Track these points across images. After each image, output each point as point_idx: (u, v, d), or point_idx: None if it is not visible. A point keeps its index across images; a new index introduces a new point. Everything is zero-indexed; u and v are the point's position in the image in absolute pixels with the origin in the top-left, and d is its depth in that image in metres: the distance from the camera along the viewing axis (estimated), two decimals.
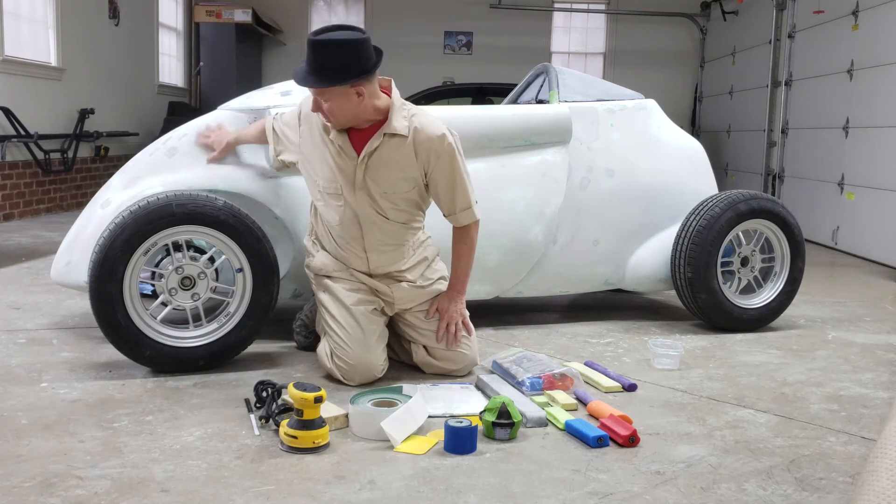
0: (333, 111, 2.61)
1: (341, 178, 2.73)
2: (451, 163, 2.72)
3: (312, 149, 2.80)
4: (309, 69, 2.57)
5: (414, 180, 2.74)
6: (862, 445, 2.31)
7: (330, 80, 2.55)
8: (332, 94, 2.58)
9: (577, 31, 12.01)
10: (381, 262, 2.80)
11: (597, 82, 3.88)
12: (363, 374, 2.69)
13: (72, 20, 7.60)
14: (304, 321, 3.11)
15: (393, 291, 2.81)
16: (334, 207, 2.77)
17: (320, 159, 2.77)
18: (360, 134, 2.70)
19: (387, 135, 2.67)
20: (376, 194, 2.72)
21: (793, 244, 3.65)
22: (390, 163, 2.69)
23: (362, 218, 2.75)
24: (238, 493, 1.90)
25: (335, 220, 2.78)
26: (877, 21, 6.14)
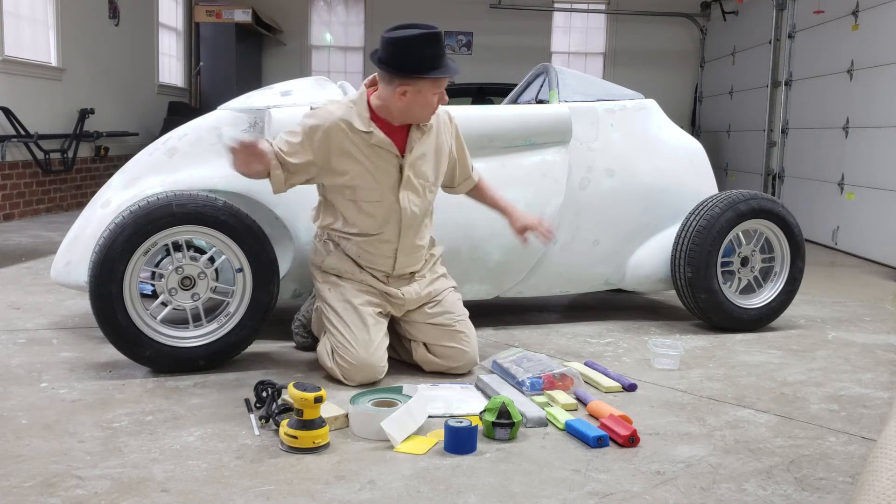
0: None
1: (384, 180, 2.71)
2: (458, 131, 2.95)
3: (342, 159, 2.69)
4: (444, 59, 2.65)
5: (447, 162, 2.89)
6: (862, 445, 2.31)
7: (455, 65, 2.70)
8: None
9: (577, 31, 12.01)
10: (406, 263, 2.84)
11: (597, 82, 3.88)
12: (364, 375, 2.69)
13: (72, 20, 7.60)
14: (301, 321, 3.11)
15: (404, 294, 2.83)
16: (371, 214, 2.74)
17: (357, 168, 2.69)
18: (395, 132, 2.73)
19: (423, 127, 2.77)
20: (420, 188, 2.77)
21: (793, 244, 3.65)
22: (429, 154, 2.80)
23: (404, 220, 2.76)
24: (238, 493, 1.90)
25: (372, 225, 2.75)
26: (877, 21, 6.14)
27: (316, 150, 2.69)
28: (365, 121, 2.69)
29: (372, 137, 2.68)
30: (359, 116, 2.69)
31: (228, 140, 2.62)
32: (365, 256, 2.81)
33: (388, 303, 2.83)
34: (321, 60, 11.84)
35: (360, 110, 2.70)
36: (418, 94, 2.63)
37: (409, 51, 2.59)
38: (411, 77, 2.60)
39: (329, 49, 11.86)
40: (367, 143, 2.69)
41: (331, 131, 2.68)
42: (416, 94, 2.63)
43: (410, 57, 2.59)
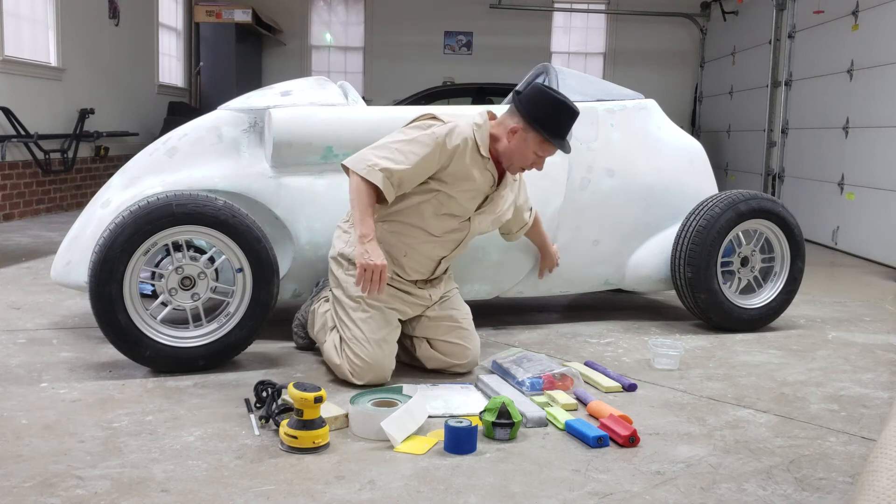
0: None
1: (475, 202, 2.81)
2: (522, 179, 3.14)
3: (457, 173, 2.73)
4: (567, 138, 2.81)
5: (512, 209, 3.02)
6: (862, 445, 2.31)
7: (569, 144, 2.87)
8: None
9: (577, 31, 12.01)
10: (444, 268, 2.93)
11: (597, 82, 3.88)
12: (376, 374, 2.68)
13: (72, 20, 7.60)
14: (300, 321, 3.11)
15: (431, 294, 2.86)
16: (448, 223, 2.79)
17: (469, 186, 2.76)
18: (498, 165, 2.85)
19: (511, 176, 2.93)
20: (489, 221, 2.91)
21: (793, 244, 3.65)
22: (506, 194, 2.94)
23: (467, 238, 2.87)
24: (238, 493, 1.90)
25: (438, 229, 2.78)
26: (877, 21, 6.14)
27: (438, 164, 2.71)
28: (486, 147, 2.78)
29: (487, 164, 2.78)
30: (483, 142, 2.77)
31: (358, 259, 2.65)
32: (412, 255, 2.80)
33: (409, 305, 2.83)
34: (321, 60, 11.84)
35: (483, 137, 2.77)
36: (524, 143, 2.74)
37: (552, 109, 2.73)
38: (533, 125, 2.71)
39: (329, 49, 11.86)
40: (482, 167, 2.77)
41: (459, 148, 2.71)
42: (522, 142, 2.74)
43: (547, 113, 2.72)
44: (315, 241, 3.17)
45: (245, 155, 3.21)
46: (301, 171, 3.19)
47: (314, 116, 3.21)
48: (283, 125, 3.14)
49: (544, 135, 2.70)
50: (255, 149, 3.22)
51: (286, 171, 3.18)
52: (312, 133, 3.18)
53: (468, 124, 2.76)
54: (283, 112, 3.17)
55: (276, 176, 3.17)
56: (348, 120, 3.24)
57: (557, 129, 2.73)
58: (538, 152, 2.75)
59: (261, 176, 3.16)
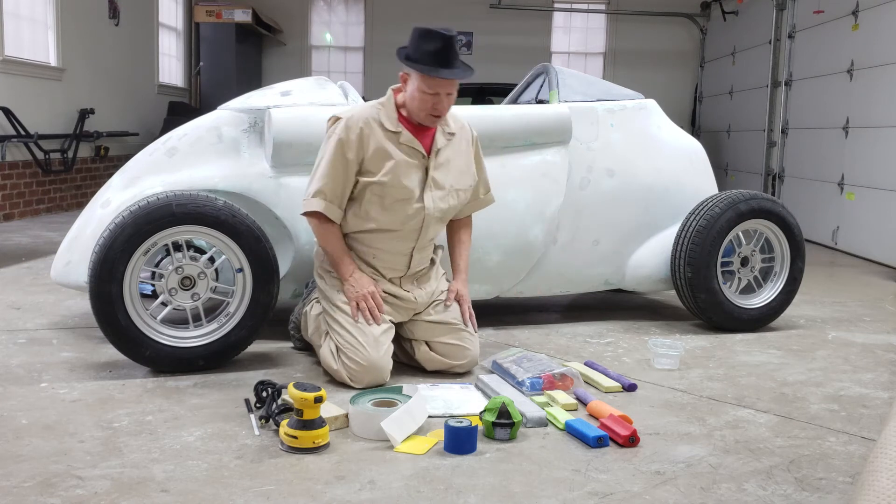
0: (449, 105, 2.75)
1: (412, 180, 2.76)
2: (479, 147, 3.01)
3: (375, 158, 2.74)
4: (453, 62, 2.69)
5: (472, 175, 2.92)
6: (862, 445, 2.31)
7: (469, 71, 2.74)
8: (457, 86, 2.73)
9: (577, 31, 12.01)
10: (419, 260, 2.88)
11: (597, 82, 3.88)
12: (373, 377, 2.67)
13: (72, 20, 7.60)
14: (295, 323, 3.11)
15: (416, 297, 2.84)
16: (396, 212, 2.76)
17: (392, 165, 2.73)
18: (422, 134, 2.80)
19: (447, 133, 2.85)
20: (445, 192, 2.82)
21: (793, 244, 3.65)
22: (453, 159, 2.85)
23: (426, 220, 2.80)
24: (238, 493, 1.90)
25: (394, 222, 2.76)
26: (877, 21, 6.14)
27: (352, 159, 2.73)
28: (393, 121, 2.77)
29: (400, 137, 2.75)
30: (387, 117, 2.77)
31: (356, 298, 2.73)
32: (381, 256, 2.81)
33: (396, 309, 2.83)
34: (321, 60, 11.84)
35: (389, 111, 2.78)
36: (413, 87, 2.70)
37: (416, 41, 2.70)
38: (409, 64, 2.69)
39: (329, 49, 11.86)
40: (397, 143, 2.76)
41: (363, 132, 2.73)
42: (411, 86, 2.71)
43: (415, 47, 2.70)
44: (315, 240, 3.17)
45: (245, 155, 3.20)
46: (301, 171, 3.19)
47: (314, 116, 3.20)
48: (283, 125, 3.14)
49: (419, 69, 2.65)
50: (255, 149, 3.22)
51: (286, 171, 3.18)
52: (312, 133, 3.18)
53: (370, 107, 2.80)
54: (283, 112, 3.17)
55: (276, 176, 3.17)
56: None
57: (430, 58, 2.66)
58: (426, 90, 2.67)
59: (261, 176, 3.16)
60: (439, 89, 2.67)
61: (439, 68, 2.65)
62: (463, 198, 2.89)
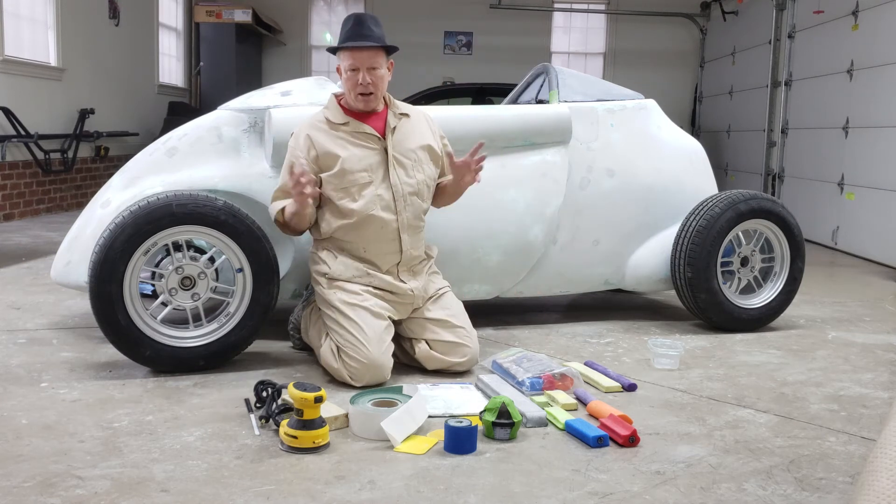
0: (376, 83, 2.81)
1: (372, 161, 2.83)
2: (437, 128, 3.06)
3: (328, 154, 2.83)
4: (366, 35, 2.80)
5: (430, 148, 2.95)
6: (862, 445, 2.31)
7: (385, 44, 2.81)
8: (380, 62, 2.82)
9: (577, 31, 12.01)
10: (412, 243, 2.88)
11: (597, 82, 3.88)
12: (373, 375, 2.68)
13: (72, 20, 7.60)
14: (295, 323, 3.11)
15: (413, 290, 2.84)
16: (368, 196, 2.81)
17: (341, 158, 2.81)
18: (371, 120, 2.88)
19: (399, 114, 2.93)
20: (409, 167, 2.88)
21: (793, 244, 3.65)
22: (412, 135, 2.93)
23: (398, 197, 2.84)
24: (238, 493, 1.90)
25: (367, 206, 2.80)
26: (877, 21, 6.14)
27: (309, 153, 2.83)
28: (339, 114, 2.88)
29: (349, 126, 2.85)
30: (333, 113, 2.89)
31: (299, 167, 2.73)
32: (370, 248, 2.82)
33: (395, 306, 2.83)
34: (321, 60, 11.84)
35: (332, 109, 2.91)
36: (343, 71, 2.82)
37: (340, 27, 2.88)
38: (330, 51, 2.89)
39: None
40: (347, 133, 2.85)
41: (312, 133, 2.85)
42: (343, 71, 2.83)
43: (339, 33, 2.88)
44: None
45: (245, 155, 3.20)
46: None
47: None
48: (283, 125, 3.13)
49: (336, 48, 2.81)
50: (255, 149, 3.22)
51: None
52: None
53: (313, 114, 2.97)
54: (283, 112, 3.17)
55: (276, 176, 3.16)
56: None
57: (343, 37, 2.81)
58: (346, 67, 2.80)
59: (261, 176, 3.16)
60: (356, 62, 2.78)
61: (349, 41, 2.78)
62: (428, 171, 2.94)
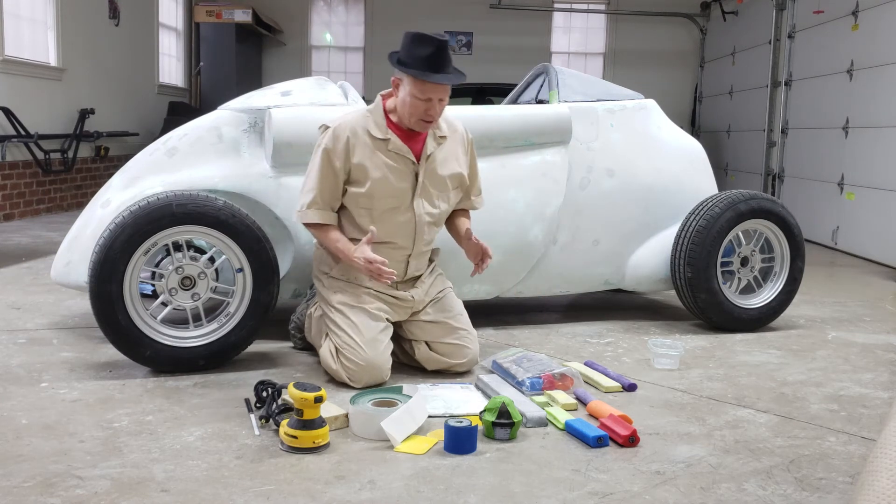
0: (441, 111, 2.72)
1: (400, 188, 2.75)
2: (473, 150, 2.97)
3: (361, 169, 2.73)
4: (446, 67, 2.66)
5: (461, 177, 2.88)
6: (862, 445, 2.31)
7: (460, 76, 2.71)
8: (448, 93, 2.70)
9: (577, 31, 12.01)
10: (417, 266, 2.87)
11: (597, 82, 3.88)
12: (372, 376, 2.68)
13: (72, 20, 7.60)
14: (296, 323, 3.11)
15: (413, 296, 2.84)
16: (388, 220, 2.76)
17: (379, 175, 2.73)
18: (411, 141, 2.78)
19: (439, 137, 2.82)
20: (435, 197, 2.81)
21: (793, 244, 3.65)
22: (446, 162, 2.83)
23: (418, 226, 2.79)
24: (238, 493, 1.90)
25: (386, 233, 2.76)
26: (877, 21, 6.14)
27: (339, 168, 2.73)
28: (382, 128, 2.75)
29: (389, 144, 2.74)
30: (375, 124, 2.75)
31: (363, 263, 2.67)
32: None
33: (394, 308, 2.83)
34: (321, 60, 11.84)
35: (377, 118, 2.77)
36: (405, 91, 2.67)
37: (409, 45, 2.67)
38: (401, 68, 2.67)
39: (329, 49, 11.86)
40: (385, 150, 2.74)
41: (349, 141, 2.73)
42: (403, 91, 2.68)
43: (407, 51, 2.67)
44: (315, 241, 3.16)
45: (245, 155, 3.21)
46: (301, 171, 3.19)
47: (314, 116, 3.20)
48: (283, 125, 3.14)
49: (412, 73, 2.63)
50: (255, 149, 3.22)
51: (286, 171, 3.18)
52: (312, 133, 3.17)
53: (359, 115, 2.78)
54: (283, 112, 3.17)
55: (276, 176, 3.17)
56: None
57: (423, 63, 2.63)
58: (418, 95, 2.64)
59: (261, 176, 3.16)
60: (432, 94, 2.65)
61: (431, 73, 2.63)
62: (453, 199, 2.90)
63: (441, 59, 2.64)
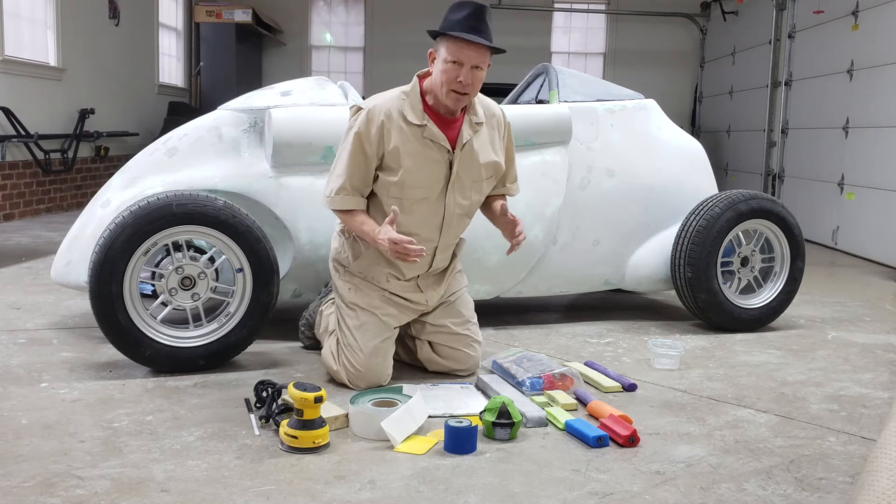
0: (476, 82, 2.55)
1: (434, 177, 2.63)
2: (510, 136, 2.84)
3: (394, 155, 2.59)
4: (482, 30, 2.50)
5: (496, 165, 2.75)
6: (862, 445, 2.31)
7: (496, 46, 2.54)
8: (486, 62, 2.54)
9: (577, 31, 12.01)
10: (442, 259, 2.78)
11: (597, 82, 3.88)
12: (370, 381, 2.67)
13: (72, 20, 7.60)
14: (308, 320, 3.11)
15: (428, 299, 2.79)
16: (417, 211, 2.65)
17: (415, 162, 2.59)
18: (447, 127, 2.63)
19: (474, 123, 2.68)
20: (468, 188, 2.70)
21: (793, 244, 3.65)
22: (482, 150, 2.70)
23: (447, 218, 2.69)
24: (238, 493, 1.90)
25: (414, 224, 2.65)
26: (877, 21, 6.14)
27: (371, 154, 2.60)
28: (419, 113, 2.60)
29: (425, 131, 2.59)
30: (412, 108, 2.60)
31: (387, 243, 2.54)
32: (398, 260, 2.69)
33: (404, 311, 2.77)
34: (321, 60, 11.84)
35: (413, 101, 2.61)
36: (440, 59, 2.54)
37: (447, 14, 2.56)
38: (436, 34, 2.55)
39: (329, 49, 11.86)
40: (420, 137, 2.59)
41: (384, 125, 2.58)
42: (438, 60, 2.55)
43: (444, 19, 2.55)
44: (315, 241, 3.17)
45: (245, 155, 3.21)
46: (301, 171, 3.19)
47: (314, 116, 3.21)
48: (283, 125, 3.14)
49: (442, 33, 2.50)
50: (255, 149, 3.22)
51: (286, 171, 3.18)
52: (312, 133, 3.18)
53: (394, 97, 2.63)
54: (283, 112, 3.17)
55: (276, 176, 3.17)
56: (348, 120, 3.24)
57: (456, 24, 2.49)
58: (449, 57, 2.50)
59: (261, 176, 3.16)
60: (463, 57, 2.49)
61: (463, 32, 2.48)
62: (486, 188, 2.76)
63: (476, 20, 2.49)
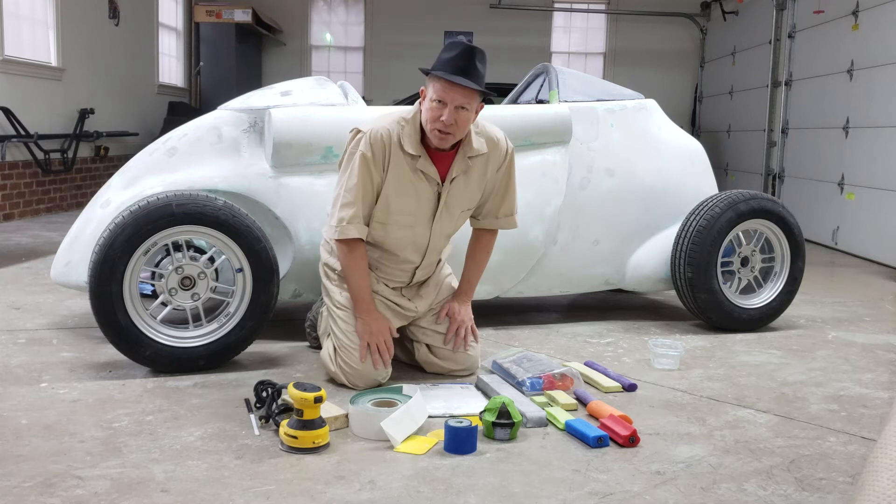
0: (460, 123, 2.53)
1: (421, 205, 2.66)
2: (510, 168, 2.80)
3: (398, 182, 2.61)
4: (469, 71, 2.51)
5: (482, 192, 2.77)
6: (862, 445, 2.31)
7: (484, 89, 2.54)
8: (472, 104, 2.53)
9: (577, 31, 12.01)
10: (423, 274, 2.84)
11: (597, 82, 3.88)
12: (367, 381, 2.67)
13: (72, 20, 7.60)
14: (311, 321, 3.11)
15: (417, 307, 2.81)
16: (401, 236, 2.69)
17: (404, 191, 2.62)
18: (440, 160, 2.65)
19: (468, 157, 2.67)
20: (455, 216, 2.74)
21: (793, 244, 3.65)
22: (472, 182, 2.72)
23: (432, 243, 2.74)
24: (238, 493, 1.90)
25: (396, 247, 2.70)
26: (877, 21, 6.14)
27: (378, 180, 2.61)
28: (415, 143, 2.61)
29: (418, 162, 2.61)
30: (409, 138, 2.61)
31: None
32: (383, 269, 2.79)
33: (396, 315, 2.80)
34: (321, 60, 11.84)
35: (411, 131, 2.62)
36: (428, 98, 2.55)
37: (440, 53, 2.59)
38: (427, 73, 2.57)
39: (329, 49, 11.86)
40: (413, 166, 2.62)
41: (386, 150, 2.59)
42: (427, 98, 2.55)
43: (437, 57, 2.57)
44: (315, 241, 3.17)
45: (245, 155, 3.20)
46: (301, 171, 3.19)
47: (314, 116, 3.21)
48: (283, 125, 3.14)
49: (430, 71, 2.51)
50: (255, 149, 3.22)
51: (286, 171, 3.18)
52: (312, 133, 3.18)
53: (393, 122, 2.62)
54: (283, 112, 3.17)
55: (276, 176, 3.17)
56: (348, 120, 3.23)
57: (443, 64, 2.51)
58: (432, 95, 2.50)
59: (261, 176, 3.16)
60: (447, 98, 2.49)
61: (450, 73, 2.49)
62: (466, 216, 2.80)
63: (465, 61, 2.51)
